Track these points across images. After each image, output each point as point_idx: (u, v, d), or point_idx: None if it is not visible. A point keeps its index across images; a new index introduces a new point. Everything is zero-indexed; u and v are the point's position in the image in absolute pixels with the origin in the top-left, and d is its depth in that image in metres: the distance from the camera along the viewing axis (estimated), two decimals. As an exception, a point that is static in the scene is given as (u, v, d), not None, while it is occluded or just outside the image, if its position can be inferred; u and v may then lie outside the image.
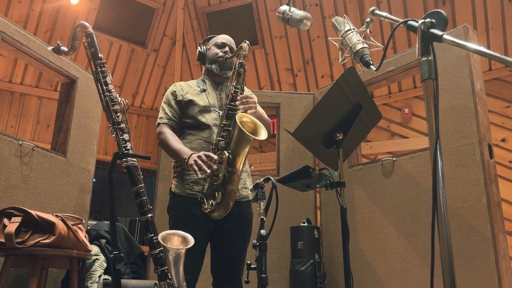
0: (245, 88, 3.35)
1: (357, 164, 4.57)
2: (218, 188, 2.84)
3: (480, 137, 3.52)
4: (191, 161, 2.79)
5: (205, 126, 3.10)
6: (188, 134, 3.16)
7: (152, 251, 2.40)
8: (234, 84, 3.05)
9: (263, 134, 2.85)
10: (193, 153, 2.85)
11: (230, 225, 3.00)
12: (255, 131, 2.87)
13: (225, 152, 2.82)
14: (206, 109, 3.14)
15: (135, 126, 8.94)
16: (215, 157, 2.79)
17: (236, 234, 3.07)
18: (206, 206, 2.85)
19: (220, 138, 2.92)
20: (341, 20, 2.55)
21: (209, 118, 3.12)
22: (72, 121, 4.36)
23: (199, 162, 2.74)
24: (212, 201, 2.84)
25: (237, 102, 2.98)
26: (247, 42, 3.10)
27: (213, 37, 3.46)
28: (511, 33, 6.60)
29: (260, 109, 3.34)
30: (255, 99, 3.31)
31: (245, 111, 2.96)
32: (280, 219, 4.08)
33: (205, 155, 2.78)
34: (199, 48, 3.40)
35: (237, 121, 2.76)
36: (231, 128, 2.92)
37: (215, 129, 3.04)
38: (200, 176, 2.74)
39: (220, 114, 3.04)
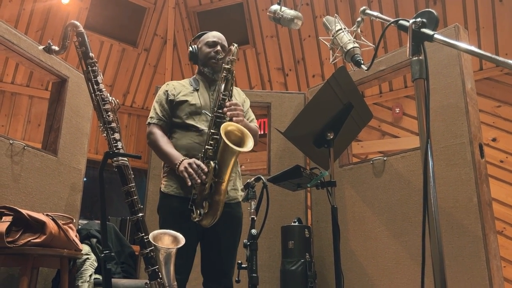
0: (238, 89, 3.36)
1: (348, 164, 4.58)
2: (205, 198, 2.83)
3: (471, 137, 3.52)
4: (181, 168, 2.83)
5: (194, 128, 3.09)
6: (177, 133, 3.15)
7: (143, 250, 2.40)
8: (222, 91, 3.01)
9: (249, 144, 2.81)
10: (184, 159, 2.87)
11: (219, 224, 2.97)
12: (241, 141, 2.84)
13: (211, 162, 2.82)
14: (197, 111, 3.13)
15: (126, 125, 8.93)
16: (206, 169, 2.81)
17: (226, 233, 3.07)
18: (194, 215, 2.85)
19: (208, 147, 2.90)
20: (332, 19, 2.55)
21: (198, 121, 3.11)
22: (63, 120, 4.33)
23: (190, 170, 2.78)
24: (200, 209, 2.84)
25: (225, 109, 2.95)
26: (236, 45, 3.06)
27: (203, 34, 3.40)
28: (502, 32, 6.63)
29: (251, 115, 3.34)
30: (248, 103, 3.33)
31: (231, 119, 2.92)
32: (271, 218, 4.10)
33: (195, 163, 2.81)
34: (190, 48, 3.36)
35: (222, 132, 2.74)
36: (218, 137, 2.88)
37: (205, 130, 3.02)
38: (189, 184, 2.78)
39: (210, 116, 3.02)
